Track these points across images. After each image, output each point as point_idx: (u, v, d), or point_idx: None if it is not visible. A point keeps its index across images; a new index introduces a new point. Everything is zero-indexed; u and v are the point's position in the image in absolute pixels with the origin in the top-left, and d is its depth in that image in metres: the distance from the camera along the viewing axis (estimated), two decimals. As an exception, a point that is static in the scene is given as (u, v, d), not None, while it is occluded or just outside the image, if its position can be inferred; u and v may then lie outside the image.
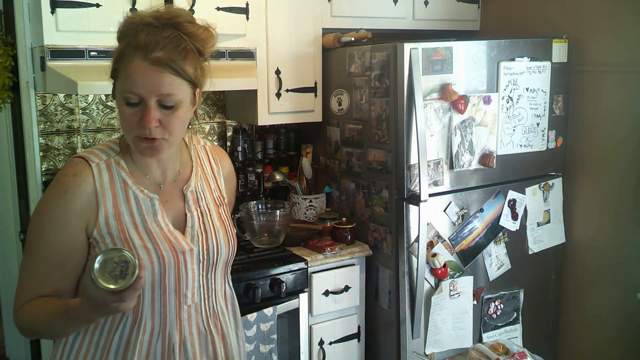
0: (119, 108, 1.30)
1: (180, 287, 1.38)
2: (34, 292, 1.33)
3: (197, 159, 1.50)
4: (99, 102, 2.75)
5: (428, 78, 2.56)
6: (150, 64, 1.24)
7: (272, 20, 2.77)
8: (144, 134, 1.27)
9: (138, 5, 2.38)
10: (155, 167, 1.41)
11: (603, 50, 2.93)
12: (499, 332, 2.94)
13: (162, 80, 1.25)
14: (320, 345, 2.71)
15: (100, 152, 1.38)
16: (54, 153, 2.67)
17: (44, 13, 2.22)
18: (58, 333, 1.36)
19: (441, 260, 2.65)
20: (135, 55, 1.25)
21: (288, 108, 2.88)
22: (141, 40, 1.25)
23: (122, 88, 1.27)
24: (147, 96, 1.25)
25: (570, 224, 3.12)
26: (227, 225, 1.49)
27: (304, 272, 2.60)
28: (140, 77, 1.24)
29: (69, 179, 1.32)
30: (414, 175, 2.60)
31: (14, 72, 2.57)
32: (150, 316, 1.36)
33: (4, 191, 3.01)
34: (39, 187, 2.56)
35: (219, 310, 1.49)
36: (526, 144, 2.90)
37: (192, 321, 1.42)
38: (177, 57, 1.26)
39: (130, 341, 1.35)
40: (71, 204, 1.30)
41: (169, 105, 1.27)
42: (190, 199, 1.44)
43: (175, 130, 1.31)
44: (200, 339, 1.44)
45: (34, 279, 1.33)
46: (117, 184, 1.35)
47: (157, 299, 1.36)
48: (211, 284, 1.46)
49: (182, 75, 1.27)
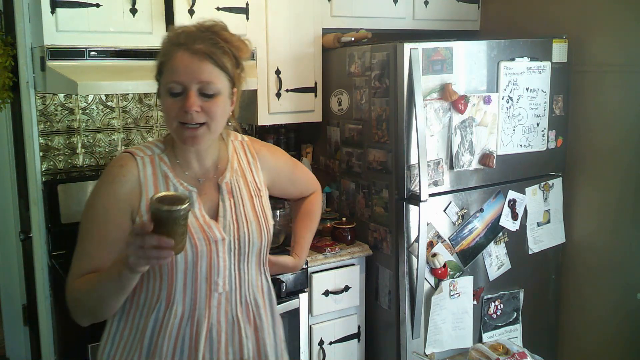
0: (163, 102, 1.40)
1: (212, 274, 1.45)
2: (84, 273, 1.41)
3: (234, 153, 1.58)
4: (99, 102, 2.75)
5: (428, 78, 2.56)
6: (192, 54, 1.36)
7: (272, 20, 2.77)
8: (186, 119, 1.36)
9: (138, 5, 2.38)
10: (195, 163, 1.49)
11: (603, 50, 2.93)
12: (499, 332, 2.94)
13: (202, 68, 1.36)
14: (320, 345, 2.71)
15: (145, 148, 1.49)
16: (54, 153, 2.67)
17: (44, 13, 2.22)
18: (104, 299, 1.37)
19: (441, 260, 2.65)
20: (177, 50, 1.37)
21: (288, 108, 2.88)
22: (182, 39, 1.38)
23: (166, 80, 1.38)
24: (188, 84, 1.35)
25: (570, 224, 3.12)
26: (262, 216, 1.54)
27: (304, 272, 2.60)
28: (182, 66, 1.36)
29: (116, 169, 1.44)
30: (414, 175, 2.60)
31: (14, 72, 2.57)
32: (181, 301, 1.43)
33: (4, 191, 3.01)
34: (39, 187, 2.56)
35: (252, 301, 1.53)
36: (526, 144, 2.90)
37: (222, 309, 1.47)
38: (216, 50, 1.38)
39: (162, 325, 1.43)
40: (117, 192, 1.42)
41: (209, 93, 1.37)
42: (225, 190, 1.51)
43: (216, 117, 1.40)
44: (227, 328, 1.48)
45: (85, 262, 1.42)
46: (159, 177, 1.46)
47: (189, 285, 1.43)
48: (244, 274, 1.51)
49: (220, 66, 1.38)
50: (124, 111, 2.81)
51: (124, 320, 1.48)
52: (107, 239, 1.42)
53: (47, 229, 2.58)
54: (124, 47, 2.39)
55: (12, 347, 3.16)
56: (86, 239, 1.44)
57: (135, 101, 2.83)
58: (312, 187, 1.88)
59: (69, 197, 2.59)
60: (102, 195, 1.44)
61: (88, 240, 1.44)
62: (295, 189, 1.82)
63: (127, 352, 1.46)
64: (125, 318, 1.47)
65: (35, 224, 2.55)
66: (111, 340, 1.49)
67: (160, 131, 2.91)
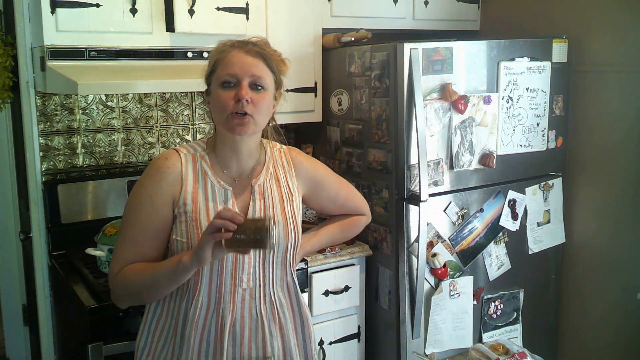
0: (215, 95, 1.52)
1: (237, 270, 1.53)
2: (129, 259, 1.51)
3: (271, 159, 1.67)
4: (99, 102, 2.75)
5: (428, 78, 2.57)
6: (246, 53, 1.52)
7: (272, 20, 2.77)
8: (237, 108, 1.48)
9: (138, 5, 2.38)
10: (234, 164, 1.60)
11: (603, 50, 2.93)
12: (499, 332, 2.94)
13: (255, 64, 1.51)
14: (320, 345, 2.71)
15: (189, 147, 1.61)
16: (54, 153, 2.67)
17: (44, 13, 2.22)
18: (152, 287, 1.49)
19: (441, 260, 2.65)
20: (232, 49, 1.53)
21: (288, 108, 2.87)
22: (235, 43, 1.55)
23: (220, 74, 1.51)
24: (242, 76, 1.49)
25: (570, 224, 3.12)
26: (291, 218, 1.61)
27: (304, 272, 2.60)
28: (237, 61, 1.50)
29: (160, 161, 1.55)
30: (414, 175, 2.60)
31: (14, 72, 2.57)
32: (207, 294, 1.52)
33: (4, 191, 3.01)
34: (39, 187, 2.56)
35: (276, 300, 1.59)
36: (526, 144, 2.90)
37: (246, 305, 1.54)
38: (265, 52, 1.55)
39: (190, 314, 1.51)
40: (161, 183, 1.52)
41: (259, 86, 1.51)
42: (257, 191, 1.60)
43: (262, 110, 1.52)
44: (251, 324, 1.55)
45: (130, 248, 1.52)
46: (198, 173, 1.56)
47: (215, 279, 1.52)
48: (269, 273, 1.57)
49: (269, 65, 1.54)
50: (124, 111, 2.81)
51: (160, 307, 1.57)
52: (151, 226, 1.51)
53: (47, 229, 2.58)
54: (124, 47, 2.39)
55: (12, 347, 3.16)
56: (131, 227, 1.53)
57: (135, 101, 2.83)
58: (360, 212, 1.88)
59: (69, 197, 2.59)
60: (147, 185, 1.53)
61: (133, 227, 1.52)
62: (336, 207, 1.83)
63: (165, 337, 1.56)
64: (161, 305, 1.57)
65: (35, 224, 2.55)
66: (148, 326, 1.59)
67: (160, 131, 2.91)
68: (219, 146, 1.59)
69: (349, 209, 1.85)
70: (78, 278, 2.34)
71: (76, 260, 2.46)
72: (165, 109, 2.91)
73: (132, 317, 2.10)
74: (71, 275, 2.39)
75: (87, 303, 2.11)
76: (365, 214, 1.89)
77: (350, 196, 1.85)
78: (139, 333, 1.62)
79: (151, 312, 1.59)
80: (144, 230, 1.51)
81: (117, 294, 1.55)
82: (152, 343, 1.58)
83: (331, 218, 1.87)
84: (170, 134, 2.93)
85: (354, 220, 1.87)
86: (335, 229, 1.84)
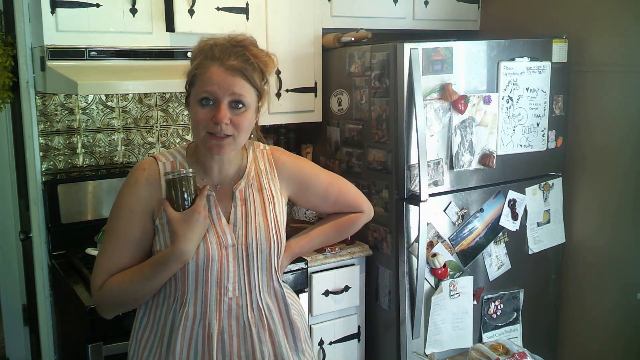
0: (193, 110, 1.47)
1: (222, 279, 1.50)
2: (110, 271, 1.49)
3: (253, 162, 1.63)
4: (99, 102, 2.75)
5: (428, 78, 2.57)
6: (225, 70, 1.44)
7: (272, 20, 2.77)
8: (215, 131, 1.44)
9: (138, 5, 2.38)
10: (215, 171, 1.56)
11: (603, 50, 2.93)
12: (499, 332, 2.94)
13: (235, 82, 1.44)
14: (320, 346, 2.71)
15: (168, 154, 1.57)
16: (54, 153, 2.67)
17: (44, 13, 2.22)
18: (139, 291, 1.48)
19: (441, 260, 2.65)
20: (212, 64, 1.45)
21: (288, 108, 2.88)
22: (216, 53, 1.46)
23: (199, 90, 1.45)
24: (221, 96, 1.43)
25: (570, 224, 3.12)
26: (273, 222, 1.57)
27: (304, 272, 2.60)
28: (216, 79, 1.43)
29: (139, 172, 1.52)
30: (414, 175, 2.60)
31: (14, 72, 2.57)
32: (192, 303, 1.49)
33: (4, 191, 3.02)
34: (39, 187, 2.56)
35: (264, 306, 1.55)
36: (526, 144, 2.90)
37: (232, 313, 1.51)
38: (247, 67, 1.46)
39: (176, 324, 1.49)
40: (140, 194, 1.50)
41: (239, 106, 1.45)
42: (238, 197, 1.56)
43: (243, 130, 1.47)
44: (239, 332, 1.52)
45: (112, 260, 1.50)
46: None
47: (200, 288, 1.49)
48: (254, 280, 1.54)
49: (251, 82, 1.47)
50: (124, 111, 2.81)
51: (146, 316, 1.55)
52: (131, 237, 1.49)
53: (47, 229, 2.58)
54: (124, 47, 2.39)
55: (12, 347, 3.16)
56: (112, 239, 1.51)
57: (135, 101, 2.83)
58: (356, 208, 1.80)
59: (69, 197, 2.59)
60: (125, 196, 1.51)
61: (114, 239, 1.51)
62: (328, 205, 1.76)
63: (150, 348, 1.53)
64: (147, 314, 1.55)
65: (35, 224, 2.55)
66: (135, 334, 1.57)
67: (160, 131, 2.91)
68: (199, 153, 1.55)
69: (343, 205, 1.77)
70: (78, 278, 2.34)
71: (76, 260, 2.46)
72: (165, 109, 2.91)
73: (131, 317, 2.08)
74: (71, 275, 2.39)
75: (87, 303, 2.11)
76: (364, 210, 1.80)
77: (344, 192, 1.77)
78: (129, 341, 1.60)
79: (138, 321, 1.57)
80: (125, 241, 1.49)
81: (104, 307, 1.52)
82: (138, 352, 1.55)
83: (327, 217, 1.81)
84: (170, 134, 2.93)
85: (350, 219, 1.78)
86: (328, 229, 1.78)
